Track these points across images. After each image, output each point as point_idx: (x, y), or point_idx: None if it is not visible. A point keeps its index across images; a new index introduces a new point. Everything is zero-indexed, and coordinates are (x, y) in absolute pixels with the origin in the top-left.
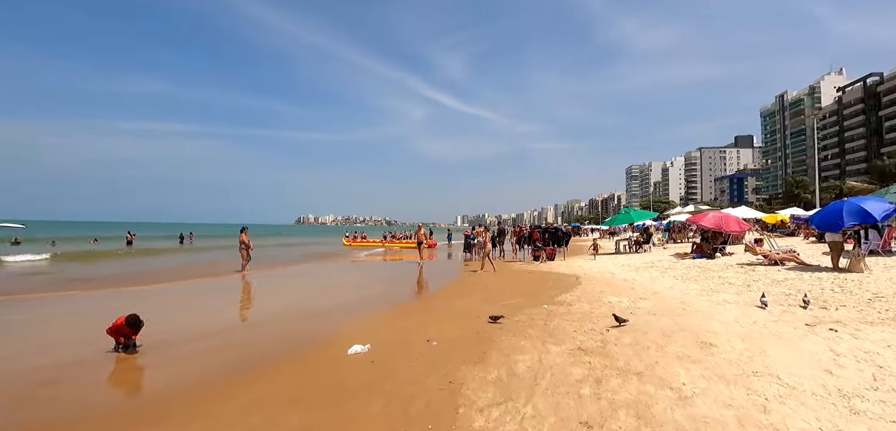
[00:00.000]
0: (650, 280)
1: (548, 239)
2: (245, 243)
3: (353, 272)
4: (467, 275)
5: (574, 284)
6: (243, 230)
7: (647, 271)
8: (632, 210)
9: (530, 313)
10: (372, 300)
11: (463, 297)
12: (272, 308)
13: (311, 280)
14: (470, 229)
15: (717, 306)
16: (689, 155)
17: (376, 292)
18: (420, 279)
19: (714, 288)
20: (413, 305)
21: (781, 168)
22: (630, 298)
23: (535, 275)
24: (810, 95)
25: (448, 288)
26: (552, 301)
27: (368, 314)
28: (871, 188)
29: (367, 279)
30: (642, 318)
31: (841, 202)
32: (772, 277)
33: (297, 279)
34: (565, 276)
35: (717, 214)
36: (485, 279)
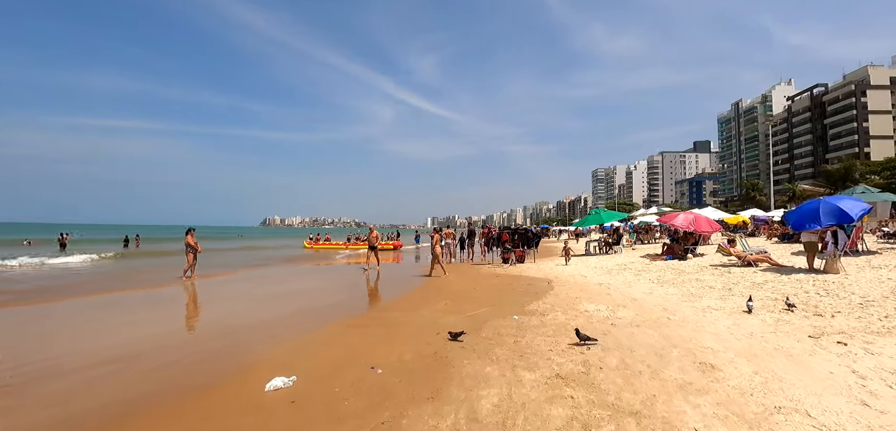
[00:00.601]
0: (625, 284)
1: (517, 241)
2: (191, 245)
3: (305, 278)
4: (432, 280)
5: (546, 289)
6: (189, 231)
7: (621, 273)
8: (602, 211)
9: (498, 325)
10: (317, 313)
11: (423, 306)
12: (194, 325)
13: (254, 288)
14: (437, 231)
15: (703, 314)
16: (652, 159)
17: (325, 302)
18: (374, 286)
19: (694, 293)
20: (364, 317)
21: (736, 172)
22: (608, 305)
23: (504, 279)
24: (763, 104)
25: (408, 296)
26: (523, 310)
27: (308, 331)
28: (819, 191)
29: (318, 287)
30: (625, 331)
31: (816, 201)
32: (750, 279)
33: (240, 286)
34: (536, 280)
35: (687, 214)
36: (450, 284)
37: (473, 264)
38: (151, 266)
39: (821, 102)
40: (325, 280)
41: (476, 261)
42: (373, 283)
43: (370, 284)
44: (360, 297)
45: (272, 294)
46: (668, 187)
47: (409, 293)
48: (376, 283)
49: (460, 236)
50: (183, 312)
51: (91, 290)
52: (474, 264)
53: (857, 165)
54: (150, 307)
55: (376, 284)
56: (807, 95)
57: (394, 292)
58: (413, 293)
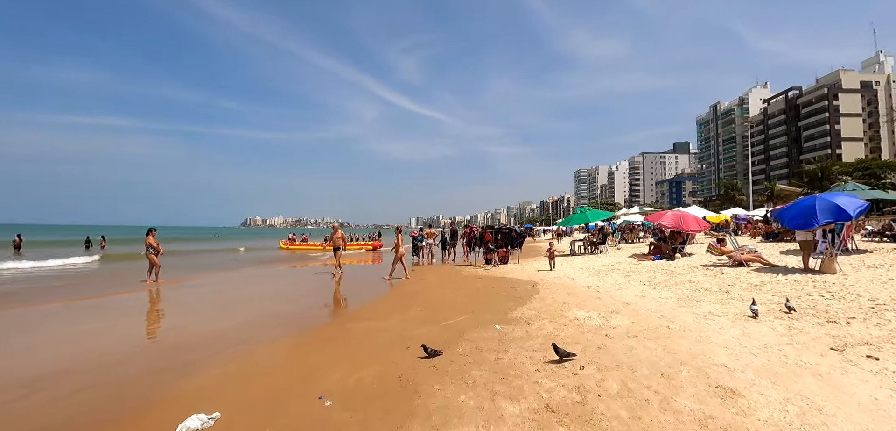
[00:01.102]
0: (615, 287)
1: (501, 240)
2: (153, 246)
3: (269, 282)
4: (408, 283)
5: (531, 293)
6: (150, 232)
7: (609, 274)
8: (587, 210)
9: (478, 338)
10: (270, 325)
11: (394, 314)
12: (129, 341)
13: (210, 295)
14: (418, 231)
15: (705, 321)
16: (633, 160)
17: (283, 310)
18: (337, 292)
19: (691, 296)
20: (325, 329)
21: (715, 173)
22: (599, 312)
23: (486, 282)
24: (740, 106)
25: (379, 302)
26: (506, 318)
27: (254, 348)
28: (796, 191)
29: (280, 293)
30: (623, 344)
31: (812, 198)
32: (745, 280)
33: (197, 292)
34: (520, 282)
35: (675, 212)
36: (426, 288)
37: (455, 266)
38: (112, 270)
39: (795, 104)
40: (291, 285)
41: (458, 262)
42: (335, 288)
43: (337, 289)
44: (323, 305)
45: (227, 302)
46: (649, 188)
47: (381, 298)
48: (339, 287)
49: (442, 236)
50: (123, 325)
51: (29, 300)
52: (456, 266)
53: (833, 165)
54: (88, 320)
55: (339, 288)
56: (782, 97)
57: (363, 297)
58: (384, 299)
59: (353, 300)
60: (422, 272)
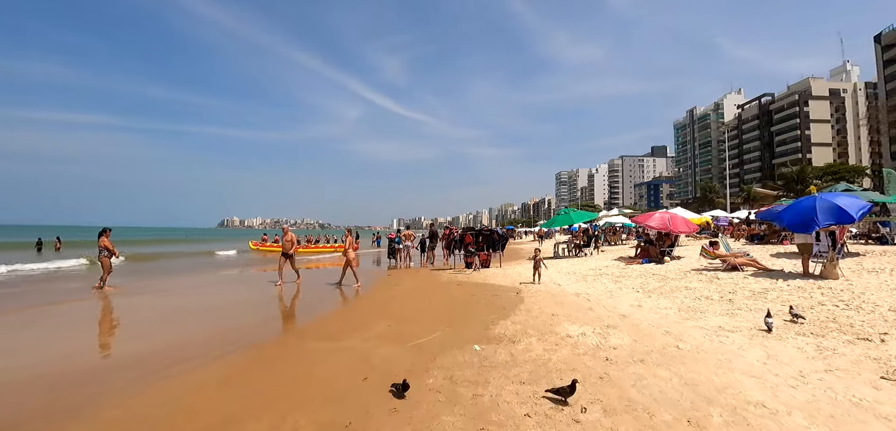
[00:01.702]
0: (607, 294)
1: (482, 243)
2: (108, 248)
3: (220, 289)
4: (379, 290)
5: (515, 302)
6: (103, 233)
7: (599, 280)
8: (571, 211)
9: (453, 363)
10: (200, 345)
11: (356, 330)
12: (24, 368)
13: (148, 306)
14: (395, 232)
15: (717, 338)
16: (612, 163)
17: (224, 326)
18: (293, 304)
19: (692, 306)
20: (267, 352)
21: (691, 176)
22: (594, 327)
23: (465, 289)
24: (715, 111)
25: (342, 313)
26: (487, 335)
27: (161, 382)
28: (772, 194)
29: (227, 303)
30: (629, 372)
31: (811, 198)
32: (745, 286)
33: (143, 300)
34: (503, 289)
35: (663, 214)
36: (399, 296)
37: (433, 270)
38: (60, 275)
39: (768, 110)
40: (244, 293)
41: (437, 266)
42: (289, 298)
43: (284, 300)
44: (273, 318)
45: (161, 316)
46: (628, 190)
47: (344, 309)
48: (294, 300)
49: (421, 239)
50: (16, 347)
51: None
52: (434, 270)
53: (808, 169)
54: None
55: (294, 301)
56: (755, 103)
57: (323, 308)
58: (348, 310)
59: (313, 310)
60: (397, 277)
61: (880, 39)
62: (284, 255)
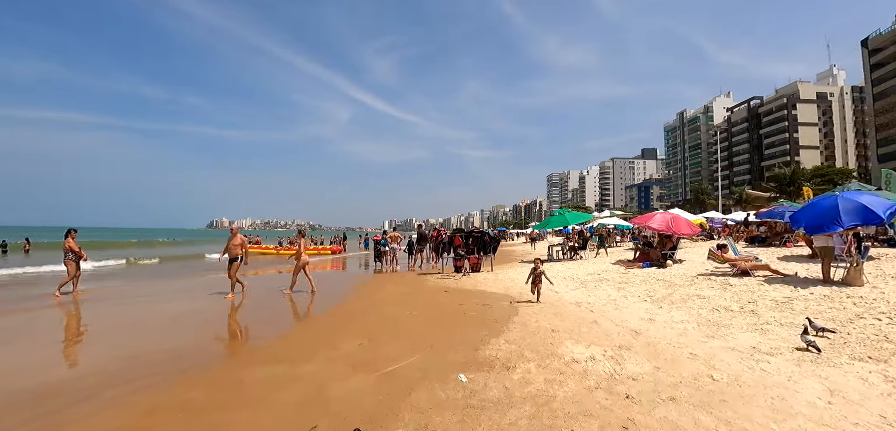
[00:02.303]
0: (611, 304)
1: (472, 245)
2: (74, 251)
3: (189, 297)
4: (358, 297)
5: (508, 314)
6: (70, 233)
7: (599, 286)
8: (566, 212)
9: (432, 403)
10: (125, 371)
11: (321, 349)
12: None
13: (106, 314)
14: (380, 234)
15: (757, 364)
16: (603, 165)
17: (172, 342)
18: (232, 319)
19: (711, 318)
20: (200, 381)
21: (681, 178)
22: (604, 347)
23: (453, 296)
24: (705, 114)
25: (307, 328)
26: (476, 358)
27: (74, 420)
28: (764, 196)
29: (193, 310)
30: (659, 417)
31: (832, 197)
32: (765, 294)
33: (90, 310)
34: (495, 298)
35: (665, 214)
36: (376, 306)
37: (420, 273)
38: (17, 281)
39: (757, 113)
40: (205, 302)
41: (424, 269)
42: (255, 307)
43: (248, 310)
44: (226, 335)
45: (98, 329)
46: (619, 192)
47: (313, 321)
48: (234, 312)
49: (408, 241)
50: None
51: None
52: (421, 273)
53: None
54: None
55: (257, 311)
56: (744, 106)
57: (286, 322)
58: (317, 323)
59: (277, 323)
60: (381, 282)
61: (867, 44)
62: (232, 261)
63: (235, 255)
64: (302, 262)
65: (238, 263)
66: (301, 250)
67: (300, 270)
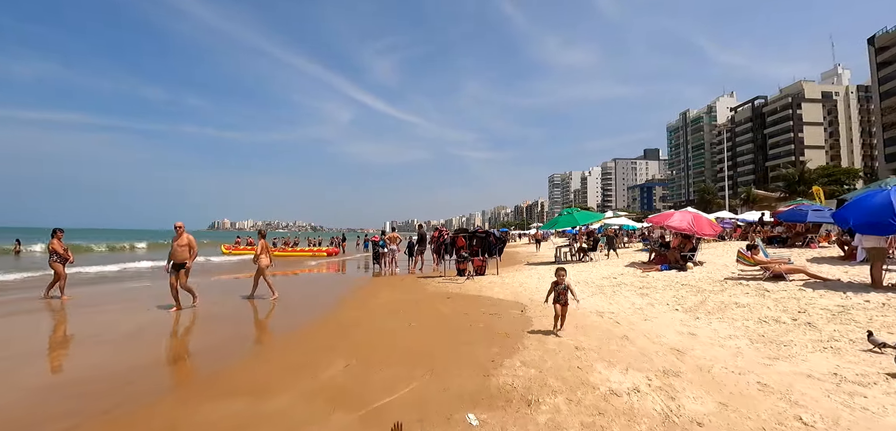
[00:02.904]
0: (638, 314)
1: (476, 246)
2: (59, 253)
3: (154, 307)
4: (350, 305)
5: (521, 325)
6: (56, 234)
7: (619, 292)
8: (575, 211)
9: None
10: (45, 403)
11: (303, 372)
12: None
13: (69, 323)
14: (379, 234)
15: (848, 396)
16: (606, 165)
17: (114, 368)
18: (195, 333)
19: (763, 333)
20: (133, 417)
21: (684, 178)
22: (646, 373)
23: (457, 303)
24: (708, 114)
25: (291, 342)
26: (487, 387)
27: None
28: (772, 196)
29: (156, 323)
30: None
31: (883, 192)
32: (810, 302)
33: (56, 317)
34: (504, 305)
35: (685, 213)
36: (372, 315)
37: (421, 277)
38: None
39: (761, 112)
40: (168, 313)
41: (425, 272)
42: (225, 318)
43: (219, 321)
44: (179, 354)
45: (37, 347)
46: (621, 192)
47: (294, 336)
48: (222, 322)
49: (408, 242)
50: None
51: None
52: (422, 277)
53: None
54: None
55: (223, 324)
56: (748, 106)
57: (263, 337)
58: (300, 338)
59: (252, 337)
60: (378, 287)
61: (874, 42)
62: (176, 267)
63: (182, 260)
64: (262, 266)
65: (184, 270)
66: (259, 253)
67: (260, 274)
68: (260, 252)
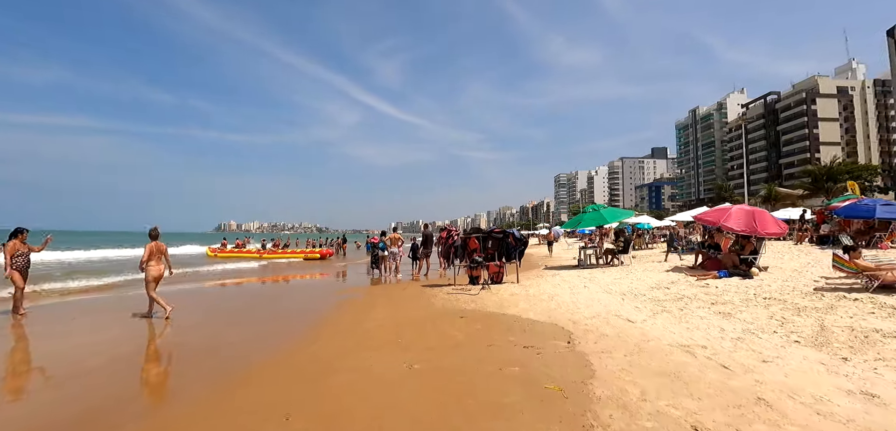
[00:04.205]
0: (742, 349)
1: (491, 249)
2: (22, 255)
3: (110, 320)
4: (330, 330)
5: (577, 371)
6: (16, 235)
7: (688, 309)
8: (602, 207)
9: None
10: None
11: None
12: None
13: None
14: (378, 236)
15: None
16: (613, 165)
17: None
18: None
19: None
20: None
21: (694, 177)
22: None
23: (474, 326)
24: (718, 111)
25: (230, 395)
26: None
27: None
28: (795, 194)
29: (64, 351)
30: None
31: None
32: None
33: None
34: (539, 330)
35: (743, 209)
36: (362, 346)
37: (426, 285)
38: None
39: (774, 109)
40: (102, 331)
41: (431, 278)
42: (161, 346)
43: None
44: (93, 399)
45: None
46: (629, 192)
47: (223, 387)
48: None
49: (412, 244)
50: None
51: None
52: (427, 285)
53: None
54: None
55: (166, 354)
56: (760, 102)
57: (167, 388)
58: (232, 392)
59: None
60: (372, 300)
61: (893, 33)
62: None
63: (144, 263)
64: (150, 276)
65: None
66: (145, 259)
67: (151, 286)
68: (146, 258)
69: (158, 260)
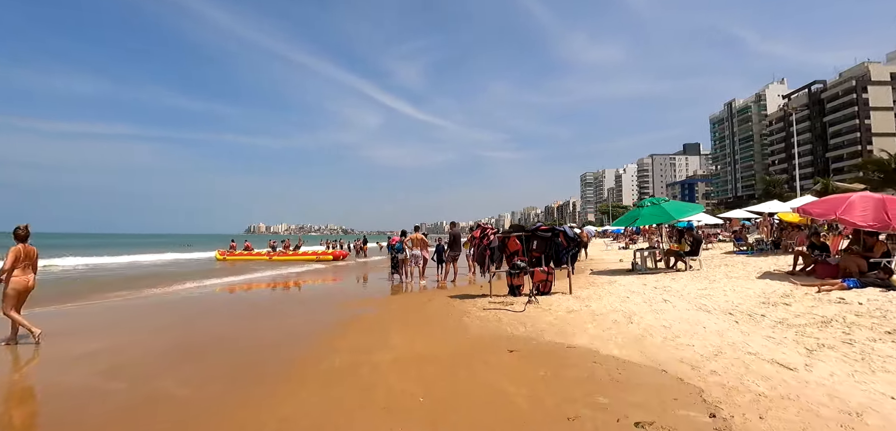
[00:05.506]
0: None
1: (536, 252)
2: (19, 262)
3: (100, 329)
4: (317, 375)
5: None
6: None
7: (858, 342)
8: (662, 201)
9: None
10: None
11: None
12: None
13: None
14: (398, 236)
15: None
16: (642, 162)
17: None
18: None
19: None
20: None
21: (731, 173)
22: None
23: (530, 371)
24: (757, 103)
25: None
26: None
27: None
28: (857, 188)
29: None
30: None
31: None
32: None
33: None
34: (640, 380)
35: (870, 198)
36: (362, 410)
37: (455, 296)
38: None
39: (819, 99)
40: (96, 343)
41: (460, 286)
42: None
43: None
44: None
45: None
46: (659, 190)
47: None
48: None
49: (437, 246)
50: None
51: None
52: (456, 295)
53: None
54: None
55: None
56: (804, 92)
57: None
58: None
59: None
60: (389, 317)
61: None
62: None
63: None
64: (10, 289)
65: None
66: (7, 267)
67: (11, 301)
68: (10, 265)
69: (25, 268)
